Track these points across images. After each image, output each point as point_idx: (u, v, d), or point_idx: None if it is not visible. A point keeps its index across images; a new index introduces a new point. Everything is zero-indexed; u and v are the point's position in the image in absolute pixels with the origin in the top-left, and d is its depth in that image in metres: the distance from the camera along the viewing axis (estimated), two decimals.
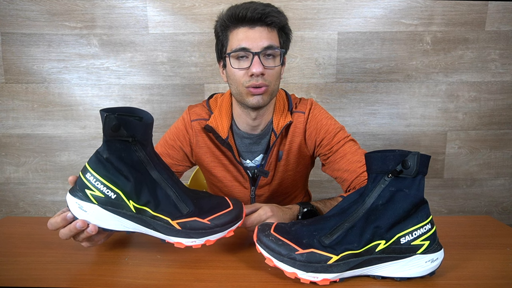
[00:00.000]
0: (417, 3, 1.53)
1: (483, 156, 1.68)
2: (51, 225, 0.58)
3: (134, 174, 0.57)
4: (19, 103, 1.60)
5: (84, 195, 0.56)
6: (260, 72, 0.79)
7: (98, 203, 0.56)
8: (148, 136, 0.59)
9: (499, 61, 1.59)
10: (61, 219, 0.57)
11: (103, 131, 0.55)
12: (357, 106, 1.63)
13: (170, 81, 1.60)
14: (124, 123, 0.55)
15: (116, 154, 0.56)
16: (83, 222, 0.56)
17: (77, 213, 0.57)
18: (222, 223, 0.58)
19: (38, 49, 1.56)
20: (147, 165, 0.58)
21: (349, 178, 0.86)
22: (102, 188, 0.56)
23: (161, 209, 0.57)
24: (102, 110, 0.55)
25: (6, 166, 1.66)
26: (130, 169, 0.56)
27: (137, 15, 1.54)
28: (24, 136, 1.64)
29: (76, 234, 0.58)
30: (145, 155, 0.58)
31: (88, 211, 0.56)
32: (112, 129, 0.54)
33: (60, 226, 0.58)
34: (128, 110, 0.59)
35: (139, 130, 0.57)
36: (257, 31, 0.80)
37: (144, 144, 0.58)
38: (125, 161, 0.56)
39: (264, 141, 0.94)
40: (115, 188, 0.56)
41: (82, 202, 0.56)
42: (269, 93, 0.84)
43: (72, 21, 1.53)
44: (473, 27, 1.56)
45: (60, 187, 1.68)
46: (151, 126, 0.60)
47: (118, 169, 0.56)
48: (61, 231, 0.58)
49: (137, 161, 0.57)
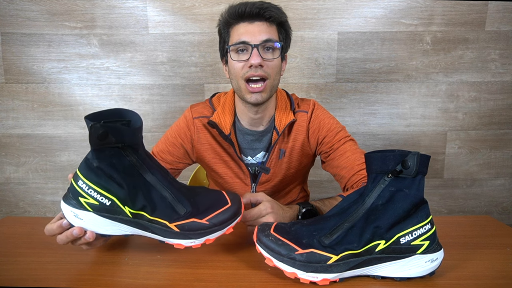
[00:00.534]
0: (417, 3, 1.53)
1: (483, 156, 1.68)
2: (48, 231, 0.58)
3: (127, 179, 0.55)
4: (19, 103, 1.60)
5: (78, 203, 0.55)
6: (259, 63, 0.81)
7: (93, 210, 0.55)
8: (138, 139, 0.57)
9: (499, 61, 1.59)
10: (57, 226, 0.57)
11: (90, 141, 0.53)
12: (357, 106, 1.63)
13: (170, 81, 1.60)
14: (112, 130, 0.52)
15: (107, 161, 0.54)
16: (80, 229, 0.55)
17: (73, 221, 0.56)
18: (221, 221, 0.57)
19: (38, 49, 1.56)
20: (140, 168, 0.56)
21: (346, 175, 0.87)
22: (95, 196, 0.54)
23: (158, 213, 0.56)
24: (86, 118, 0.53)
25: (6, 166, 1.66)
26: (122, 175, 0.55)
27: (137, 15, 1.54)
28: (24, 136, 1.64)
29: (74, 240, 0.57)
30: (137, 159, 0.56)
31: (84, 219, 0.55)
32: (99, 138, 0.52)
33: (57, 233, 0.57)
34: (114, 113, 0.57)
35: (128, 135, 0.55)
36: (256, 25, 0.83)
37: (135, 148, 0.56)
38: (117, 167, 0.54)
39: (266, 139, 0.95)
40: (109, 195, 0.54)
41: (77, 210, 0.55)
42: (268, 89, 0.85)
43: (72, 21, 1.53)
44: (473, 27, 1.56)
45: (60, 187, 1.68)
46: (140, 129, 0.58)
47: (110, 176, 0.54)
48: (58, 237, 0.57)
49: (129, 165, 0.56)
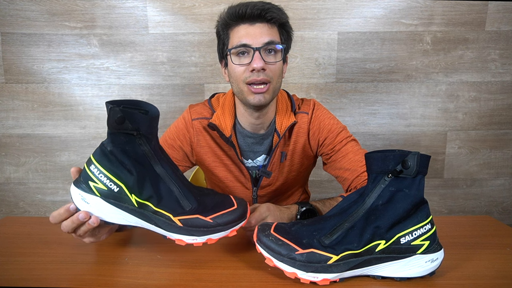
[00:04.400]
0: (417, 3, 1.53)
1: (483, 156, 1.68)
2: (54, 218, 0.58)
3: (138, 168, 0.56)
4: (19, 103, 1.60)
5: (87, 187, 0.56)
6: (261, 67, 0.79)
7: (100, 195, 0.56)
8: (153, 130, 0.59)
9: (499, 61, 1.59)
10: (64, 210, 0.57)
11: (107, 123, 0.55)
12: (357, 106, 1.63)
13: (170, 81, 1.60)
14: (129, 116, 0.54)
15: (120, 147, 0.55)
16: (86, 213, 0.56)
17: (80, 204, 0.57)
18: (225, 222, 0.57)
19: (38, 49, 1.56)
20: (151, 159, 0.57)
21: (349, 177, 0.86)
22: (105, 181, 0.55)
23: (163, 205, 0.56)
24: (107, 102, 0.55)
25: (6, 166, 1.66)
26: (133, 162, 0.56)
27: (137, 15, 1.54)
28: (24, 136, 1.64)
29: (78, 226, 0.57)
30: (149, 149, 0.57)
31: (90, 203, 0.56)
32: (117, 122, 0.54)
33: (63, 218, 0.57)
34: (134, 103, 0.58)
35: (144, 123, 0.56)
36: (257, 27, 0.80)
37: (149, 138, 0.58)
38: (129, 154, 0.56)
39: (266, 142, 0.93)
40: (118, 181, 0.55)
41: (85, 193, 0.56)
42: (271, 91, 0.83)
43: (72, 21, 1.53)
44: (473, 27, 1.56)
45: (60, 187, 1.69)
46: (157, 120, 0.59)
47: (122, 162, 0.55)
48: (64, 223, 0.57)
49: (141, 154, 0.57)
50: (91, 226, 0.57)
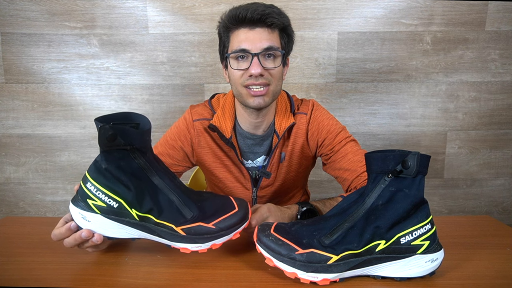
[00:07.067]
0: (417, 3, 1.53)
1: (483, 156, 1.68)
2: (55, 236, 0.58)
3: (135, 182, 0.55)
4: (19, 103, 1.60)
5: (86, 205, 0.55)
6: (259, 73, 0.78)
7: (100, 212, 0.55)
8: (146, 142, 0.58)
9: (499, 61, 1.59)
10: (65, 229, 0.57)
11: (99, 142, 0.53)
12: (357, 106, 1.63)
13: (170, 81, 1.60)
14: (121, 132, 0.53)
15: (115, 163, 0.55)
16: (89, 231, 0.56)
17: (81, 223, 0.56)
18: (227, 226, 0.57)
19: (38, 49, 1.56)
20: (147, 171, 0.57)
21: (349, 177, 0.86)
22: (103, 198, 0.55)
23: (165, 216, 0.56)
24: (96, 120, 0.54)
25: (6, 166, 1.66)
26: (130, 177, 0.55)
27: (137, 15, 1.54)
28: (24, 136, 1.64)
29: (81, 243, 0.58)
30: (145, 162, 0.57)
31: (91, 221, 0.56)
32: (108, 139, 0.53)
33: (65, 237, 0.58)
34: (123, 116, 0.57)
35: (137, 137, 0.55)
36: (257, 32, 0.79)
37: (143, 151, 0.57)
38: (125, 169, 0.55)
39: (266, 143, 0.94)
40: (117, 197, 0.55)
41: (85, 212, 0.56)
42: (270, 94, 0.83)
43: (72, 21, 1.53)
44: (473, 27, 1.56)
45: (60, 187, 1.68)
46: (149, 132, 0.59)
47: (118, 178, 0.55)
48: (66, 240, 0.58)
49: (137, 168, 0.56)
50: (94, 243, 0.57)
